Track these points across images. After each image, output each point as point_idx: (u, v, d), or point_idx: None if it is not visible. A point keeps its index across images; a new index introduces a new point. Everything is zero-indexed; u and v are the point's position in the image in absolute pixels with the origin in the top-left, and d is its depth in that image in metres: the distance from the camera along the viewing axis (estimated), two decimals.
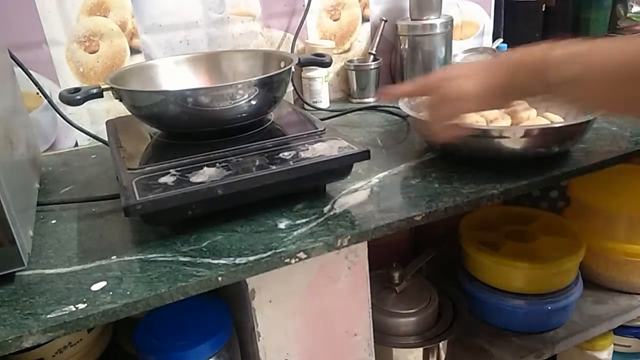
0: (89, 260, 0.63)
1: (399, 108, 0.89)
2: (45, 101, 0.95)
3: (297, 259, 0.61)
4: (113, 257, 0.63)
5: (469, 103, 0.56)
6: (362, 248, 0.69)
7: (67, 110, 0.95)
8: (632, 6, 1.48)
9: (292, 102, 1.14)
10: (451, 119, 0.59)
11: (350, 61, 1.21)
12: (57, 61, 0.98)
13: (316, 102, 1.16)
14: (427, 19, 1.15)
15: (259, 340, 0.68)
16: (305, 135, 0.76)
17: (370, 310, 0.74)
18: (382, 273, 0.96)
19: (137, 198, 0.61)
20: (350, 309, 0.72)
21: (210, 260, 0.60)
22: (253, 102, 0.75)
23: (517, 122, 0.84)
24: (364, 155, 0.70)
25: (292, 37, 1.15)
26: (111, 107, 1.04)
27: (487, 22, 1.37)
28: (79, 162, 0.96)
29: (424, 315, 0.92)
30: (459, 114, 0.59)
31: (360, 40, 1.24)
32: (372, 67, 1.18)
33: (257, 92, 0.74)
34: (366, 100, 1.20)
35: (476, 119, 0.84)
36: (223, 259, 0.60)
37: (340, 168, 0.72)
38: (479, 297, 1.04)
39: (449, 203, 0.69)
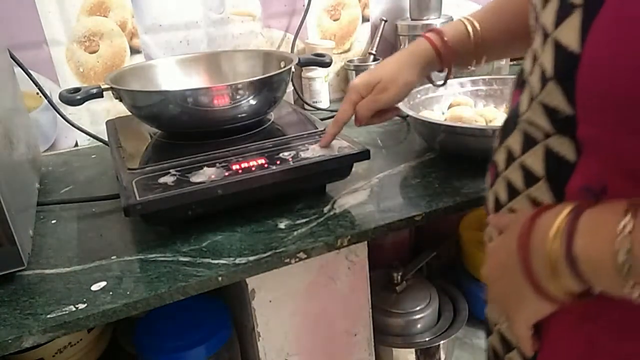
0: (89, 260, 0.63)
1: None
2: (45, 101, 0.95)
3: (297, 259, 0.61)
4: (113, 257, 0.63)
5: None
6: (362, 248, 0.69)
7: (67, 110, 0.95)
8: None
9: (292, 102, 1.14)
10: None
11: (350, 61, 1.21)
12: (57, 61, 0.98)
13: (316, 102, 1.16)
14: (427, 19, 1.15)
15: (259, 340, 0.68)
16: (305, 135, 0.76)
17: (370, 310, 0.74)
18: (382, 273, 0.96)
19: (137, 198, 0.61)
20: (350, 309, 0.72)
21: (210, 260, 0.60)
22: (253, 102, 0.75)
23: None
24: (364, 155, 0.70)
25: (292, 37, 1.15)
26: (111, 107, 1.04)
27: None
28: (79, 162, 0.96)
29: (424, 315, 0.92)
30: None
31: (360, 40, 1.24)
32: (372, 67, 1.18)
33: (257, 92, 0.74)
34: None
35: (475, 119, 0.84)
36: (223, 259, 0.60)
37: (340, 168, 0.72)
38: (479, 296, 1.04)
39: (449, 203, 0.69)
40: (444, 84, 0.68)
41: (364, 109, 0.66)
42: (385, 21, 1.20)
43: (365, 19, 1.23)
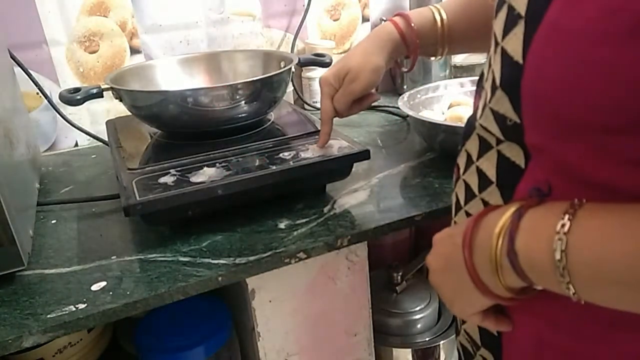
0: (89, 260, 0.63)
1: (398, 108, 0.89)
2: (45, 101, 0.95)
3: (297, 259, 0.61)
4: (113, 257, 0.63)
5: None
6: (362, 248, 0.69)
7: (67, 110, 0.95)
8: None
9: (292, 102, 1.14)
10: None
11: None
12: (57, 61, 0.98)
13: (316, 102, 1.16)
14: None
15: (259, 340, 0.68)
16: (305, 135, 0.76)
17: (370, 310, 0.74)
18: (382, 273, 0.96)
19: (137, 198, 0.61)
20: (350, 309, 0.72)
21: (210, 260, 0.60)
22: (253, 102, 0.75)
23: None
24: (364, 155, 0.70)
25: (292, 37, 1.15)
26: (111, 107, 1.04)
27: None
28: (79, 162, 0.96)
29: (423, 315, 0.92)
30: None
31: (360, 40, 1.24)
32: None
33: (257, 92, 0.74)
34: None
35: None
36: (223, 259, 0.60)
37: (340, 168, 0.72)
38: None
39: (449, 203, 0.69)
40: (410, 70, 0.68)
41: (340, 103, 0.67)
42: (385, 21, 1.20)
43: (365, 19, 1.23)
